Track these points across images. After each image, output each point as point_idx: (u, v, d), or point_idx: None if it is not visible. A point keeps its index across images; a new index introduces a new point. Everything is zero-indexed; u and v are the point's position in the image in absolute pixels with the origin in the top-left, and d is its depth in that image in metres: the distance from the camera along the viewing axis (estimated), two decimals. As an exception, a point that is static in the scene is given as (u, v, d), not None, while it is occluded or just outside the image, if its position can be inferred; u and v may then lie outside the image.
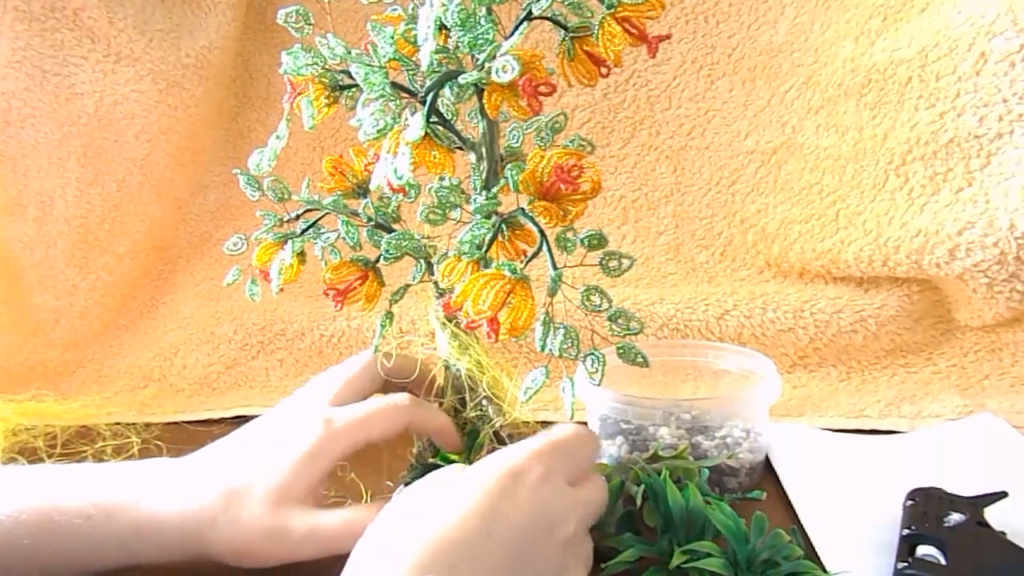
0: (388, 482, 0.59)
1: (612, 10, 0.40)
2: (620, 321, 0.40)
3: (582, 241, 0.40)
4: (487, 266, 0.39)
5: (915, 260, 0.70)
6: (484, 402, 0.49)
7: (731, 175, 0.85)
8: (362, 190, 0.50)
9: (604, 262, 0.41)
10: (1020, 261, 0.67)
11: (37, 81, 0.79)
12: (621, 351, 0.41)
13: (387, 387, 0.51)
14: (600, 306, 0.40)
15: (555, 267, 0.39)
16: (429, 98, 0.38)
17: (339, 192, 0.49)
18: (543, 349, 0.38)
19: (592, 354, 0.39)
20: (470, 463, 0.50)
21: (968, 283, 0.70)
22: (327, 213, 0.48)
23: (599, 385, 0.39)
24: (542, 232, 0.39)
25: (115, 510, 0.43)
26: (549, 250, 0.39)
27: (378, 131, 0.37)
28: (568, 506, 0.39)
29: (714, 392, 0.62)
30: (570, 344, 0.38)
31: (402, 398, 0.47)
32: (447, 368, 0.50)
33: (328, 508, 0.44)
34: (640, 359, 0.41)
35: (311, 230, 0.47)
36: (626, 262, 0.41)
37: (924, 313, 0.75)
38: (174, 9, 0.87)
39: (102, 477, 0.45)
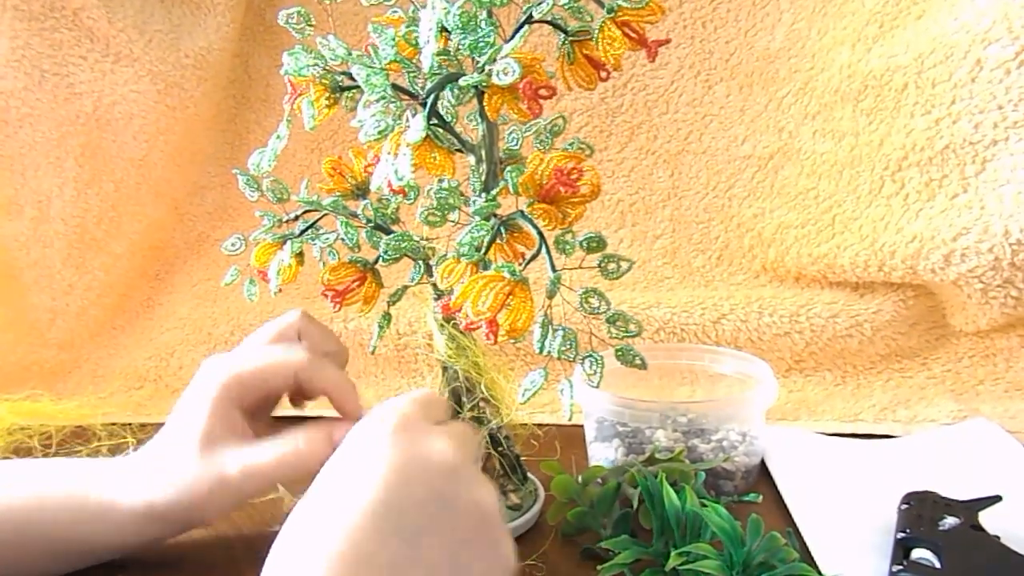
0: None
1: (612, 14, 0.40)
2: (619, 323, 0.40)
3: (581, 244, 0.40)
4: (486, 268, 0.39)
5: (910, 265, 0.71)
6: (481, 404, 0.49)
7: (728, 180, 0.86)
8: (361, 191, 0.50)
9: (603, 265, 0.41)
10: (1014, 267, 0.67)
11: (36, 80, 0.79)
12: (619, 353, 0.42)
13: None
14: (599, 308, 0.40)
15: (554, 269, 0.39)
16: (430, 100, 0.38)
17: (338, 193, 0.49)
18: (542, 351, 0.38)
19: (590, 356, 0.39)
20: None
21: (963, 288, 0.70)
22: (326, 214, 0.48)
23: (597, 387, 0.39)
24: (541, 234, 0.39)
25: (77, 500, 0.45)
26: (548, 252, 0.39)
27: (379, 132, 0.37)
28: (439, 437, 0.37)
29: (710, 396, 0.62)
30: (569, 346, 0.38)
31: (296, 351, 0.46)
32: (445, 370, 0.50)
33: (257, 442, 0.45)
34: (638, 361, 0.41)
35: (310, 231, 0.47)
36: (625, 265, 0.41)
37: (919, 318, 0.76)
38: (173, 10, 0.88)
39: (73, 469, 0.47)
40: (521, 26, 0.40)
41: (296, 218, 0.48)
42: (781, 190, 0.83)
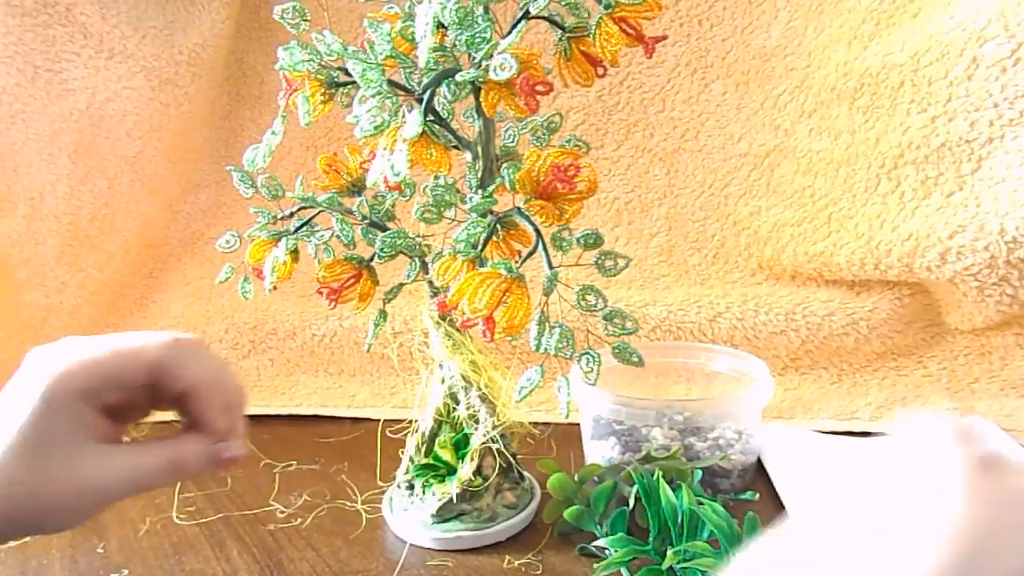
0: (380, 482, 0.58)
1: (609, 10, 0.40)
2: (615, 320, 0.40)
3: (578, 240, 0.40)
4: (482, 265, 0.39)
5: (906, 263, 0.71)
6: (476, 402, 0.49)
7: (724, 178, 0.86)
8: (356, 188, 0.50)
9: (600, 262, 0.41)
10: (1010, 265, 0.67)
11: (29, 77, 0.79)
12: (616, 350, 0.41)
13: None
14: (596, 306, 0.40)
15: (551, 266, 0.38)
16: (426, 96, 0.38)
17: (333, 190, 0.49)
18: (538, 348, 0.38)
19: (587, 353, 0.39)
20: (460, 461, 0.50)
21: (959, 286, 0.70)
22: (321, 211, 0.47)
23: (594, 384, 0.39)
24: (538, 231, 0.39)
25: None
26: (545, 249, 0.39)
27: (375, 128, 0.37)
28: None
29: (706, 394, 0.62)
30: (565, 343, 0.38)
31: (157, 335, 0.38)
32: (441, 367, 0.50)
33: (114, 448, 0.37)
34: (635, 358, 0.41)
35: (305, 228, 0.47)
36: (622, 262, 0.41)
37: (915, 316, 0.76)
38: (167, 6, 0.87)
39: None
40: (518, 22, 0.39)
41: (291, 215, 0.48)
42: (777, 188, 0.83)
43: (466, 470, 0.49)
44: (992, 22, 0.66)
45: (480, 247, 0.39)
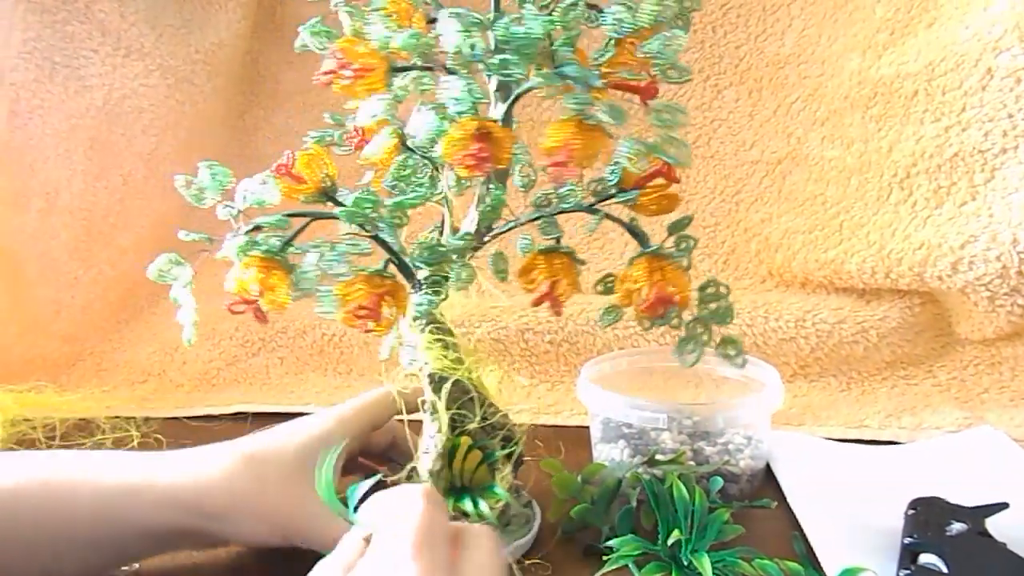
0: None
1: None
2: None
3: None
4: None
5: (917, 272, 0.70)
6: (467, 403, 0.47)
7: (736, 184, 0.86)
8: (328, 194, 0.46)
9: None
10: (1021, 275, 0.67)
11: (47, 73, 0.79)
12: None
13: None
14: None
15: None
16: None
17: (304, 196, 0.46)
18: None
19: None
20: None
21: (970, 296, 0.70)
22: (311, 220, 0.45)
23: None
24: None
25: (133, 488, 0.42)
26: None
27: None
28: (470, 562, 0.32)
29: (716, 399, 0.62)
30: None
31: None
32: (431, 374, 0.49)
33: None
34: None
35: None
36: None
37: (925, 325, 0.75)
38: (185, 5, 0.88)
39: (114, 460, 0.45)
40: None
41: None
42: (789, 195, 0.83)
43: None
44: (1007, 33, 0.66)
45: None
